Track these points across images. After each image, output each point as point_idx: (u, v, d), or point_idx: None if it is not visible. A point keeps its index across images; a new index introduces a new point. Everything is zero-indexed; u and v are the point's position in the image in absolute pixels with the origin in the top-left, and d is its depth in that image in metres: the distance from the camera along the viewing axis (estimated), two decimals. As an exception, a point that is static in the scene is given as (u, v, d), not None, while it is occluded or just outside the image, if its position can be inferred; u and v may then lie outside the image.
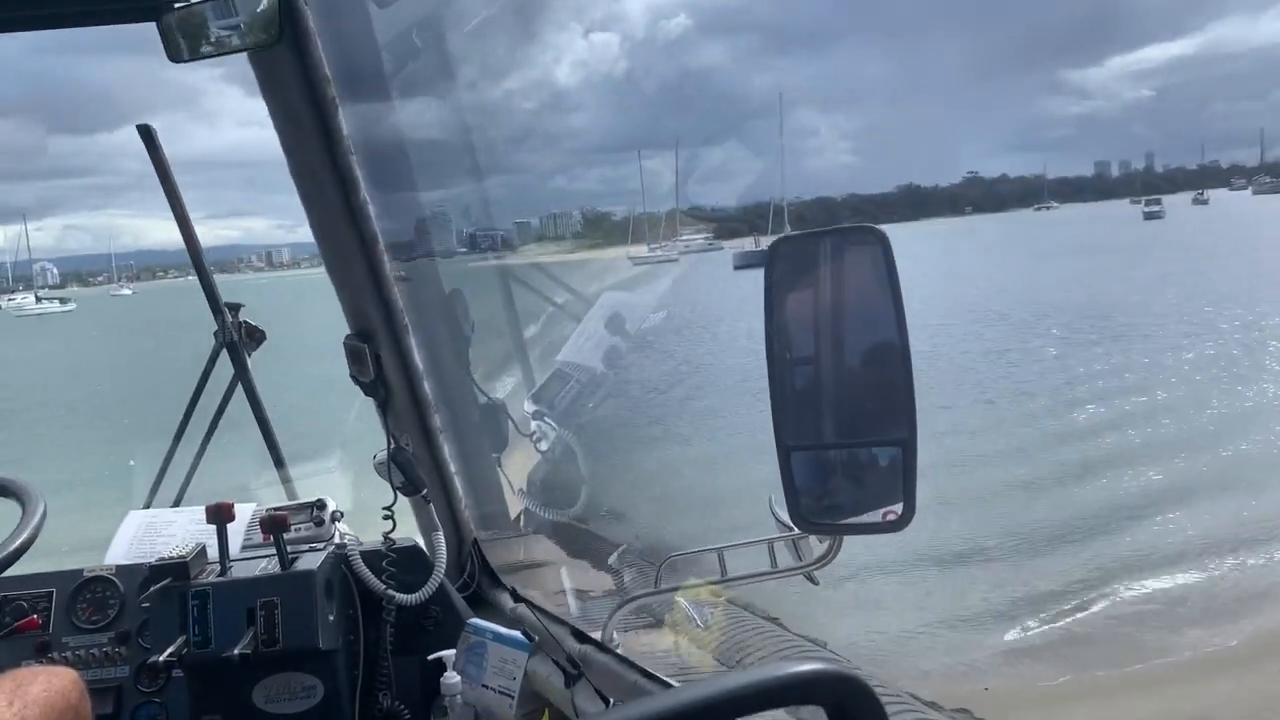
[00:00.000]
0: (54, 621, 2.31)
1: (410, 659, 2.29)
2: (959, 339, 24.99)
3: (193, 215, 2.81)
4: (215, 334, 2.78)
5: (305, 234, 2.24)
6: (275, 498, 2.71)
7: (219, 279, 2.87)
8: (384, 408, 2.37)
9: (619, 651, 2.04)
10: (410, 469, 2.32)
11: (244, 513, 2.42)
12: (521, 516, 2.76)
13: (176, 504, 2.78)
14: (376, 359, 2.28)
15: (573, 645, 2.04)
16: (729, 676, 0.90)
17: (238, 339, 2.75)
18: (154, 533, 2.52)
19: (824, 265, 1.64)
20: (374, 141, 2.18)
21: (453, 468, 2.49)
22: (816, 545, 1.94)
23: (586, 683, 1.96)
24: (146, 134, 2.51)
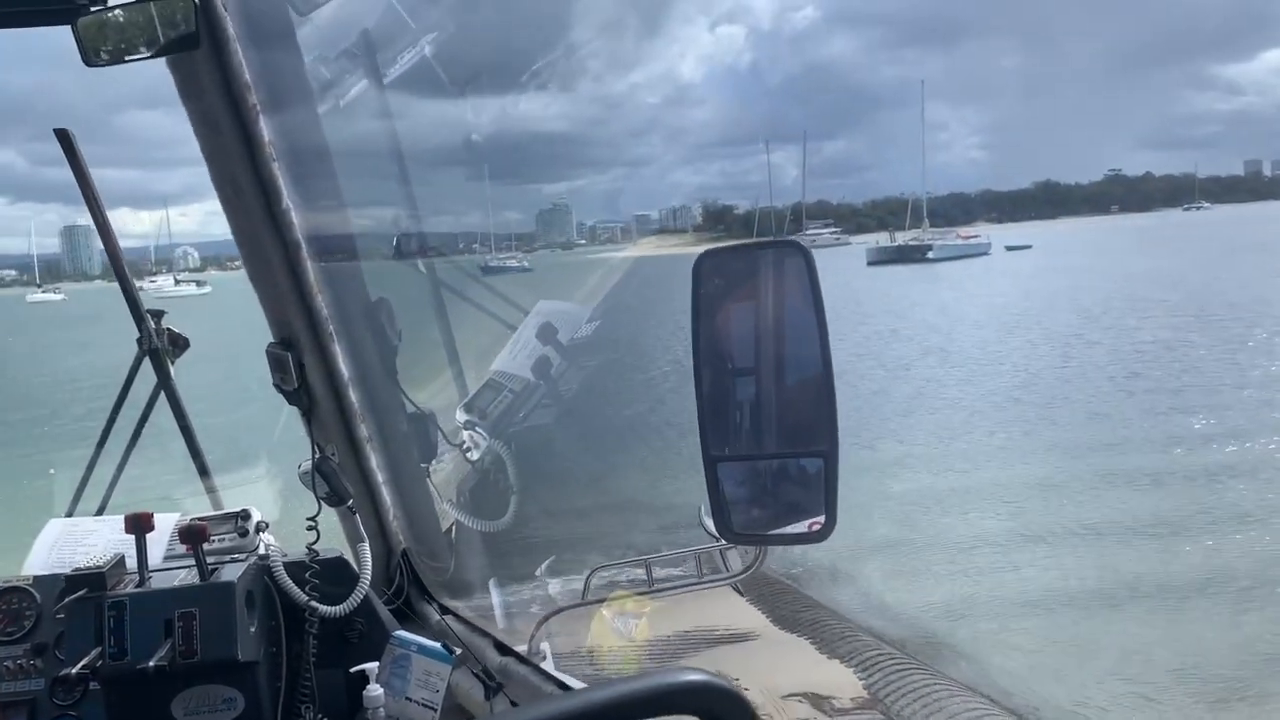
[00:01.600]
0: None
1: (334, 671, 2.26)
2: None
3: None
4: (138, 341, 2.72)
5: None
6: (202, 508, 2.66)
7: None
8: (308, 416, 2.34)
9: (543, 664, 2.03)
10: (335, 479, 2.29)
11: (167, 523, 2.38)
12: (453, 528, 2.74)
13: (99, 513, 2.72)
14: (300, 367, 2.26)
15: (494, 658, 2.03)
16: (612, 685, 0.91)
17: (160, 346, 2.69)
18: (74, 542, 2.47)
19: (749, 280, 1.66)
20: (299, 148, 2.16)
21: (380, 478, 2.46)
22: (744, 555, 1.96)
23: (505, 696, 1.95)
24: (65, 139, 2.45)
